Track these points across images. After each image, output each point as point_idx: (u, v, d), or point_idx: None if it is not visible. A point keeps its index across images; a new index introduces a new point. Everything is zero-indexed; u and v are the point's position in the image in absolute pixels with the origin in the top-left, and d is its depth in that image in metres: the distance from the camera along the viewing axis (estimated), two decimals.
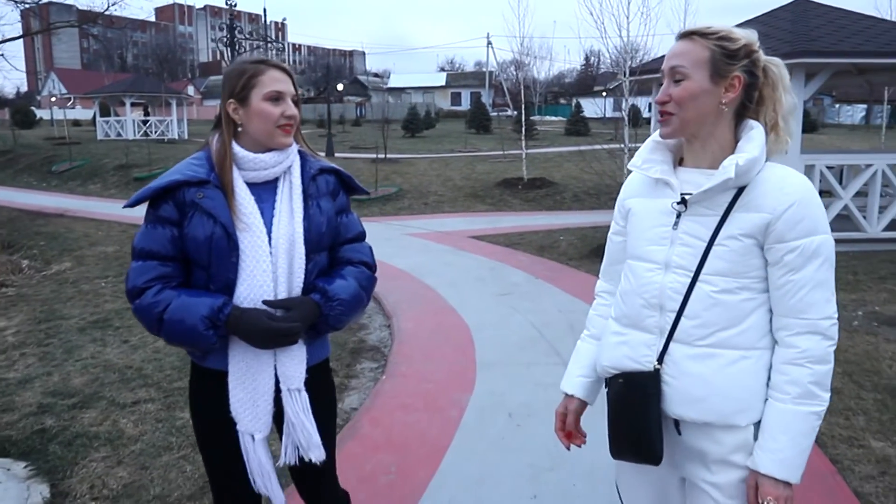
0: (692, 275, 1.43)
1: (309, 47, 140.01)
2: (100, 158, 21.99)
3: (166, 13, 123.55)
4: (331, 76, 51.37)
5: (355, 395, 4.06)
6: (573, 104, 36.96)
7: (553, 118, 47.36)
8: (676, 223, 1.46)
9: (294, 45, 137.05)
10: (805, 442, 1.36)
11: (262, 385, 1.67)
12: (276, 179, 1.73)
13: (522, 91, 14.72)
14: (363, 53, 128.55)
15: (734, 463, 1.41)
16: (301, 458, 1.74)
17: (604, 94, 46.23)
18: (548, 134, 29.44)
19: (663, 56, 1.56)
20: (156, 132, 29.21)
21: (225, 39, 22.35)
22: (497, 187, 13.97)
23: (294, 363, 1.69)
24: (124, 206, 1.72)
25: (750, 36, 1.45)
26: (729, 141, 1.45)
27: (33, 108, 47.00)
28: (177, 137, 29.11)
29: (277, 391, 1.69)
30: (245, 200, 1.66)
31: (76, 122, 42.57)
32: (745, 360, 1.39)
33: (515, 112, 40.04)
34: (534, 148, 19.70)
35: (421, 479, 2.96)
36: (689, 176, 1.48)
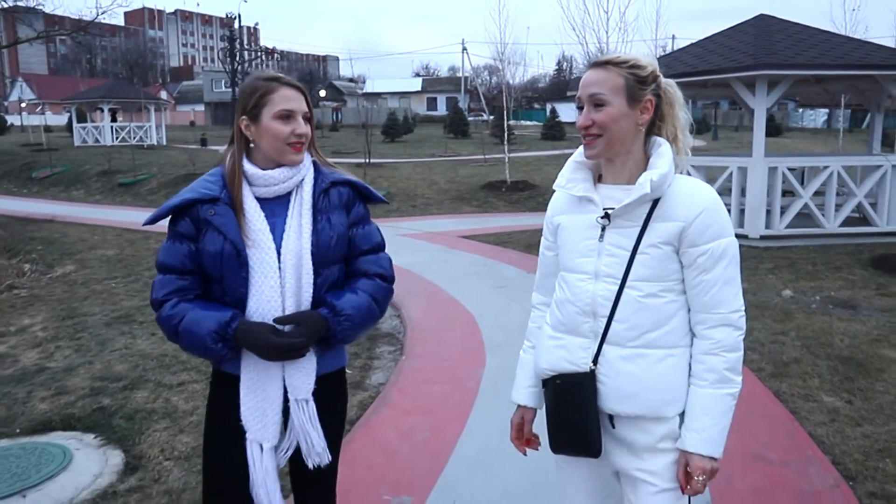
0: (619, 282, 1.55)
1: (282, 52, 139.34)
2: (80, 165, 22.01)
3: (136, 17, 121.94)
4: (314, 81, 51.58)
5: (380, 373, 4.59)
6: (548, 109, 37.76)
7: (528, 123, 48.18)
8: (602, 236, 1.58)
9: (266, 49, 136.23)
10: (724, 420, 1.53)
11: (271, 394, 1.71)
12: (290, 193, 1.75)
13: (505, 97, 15.35)
14: (337, 58, 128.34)
15: (662, 449, 1.56)
16: (303, 468, 1.78)
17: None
18: (525, 138, 30.13)
19: None
20: (134, 138, 29.23)
21: (226, 50, 22.64)
22: (481, 190, 14.56)
23: (302, 375, 1.71)
24: (144, 224, 1.80)
25: (653, 62, 1.62)
26: (641, 157, 1.60)
27: (1, 114, 46.31)
28: (156, 143, 29.09)
29: (286, 400, 1.73)
30: (254, 217, 1.70)
31: (48, 128, 42.07)
32: (670, 357, 1.54)
33: (491, 117, 40.80)
34: (513, 152, 20.39)
35: (452, 434, 3.51)
36: (610, 192, 1.60)
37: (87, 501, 3.07)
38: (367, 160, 16.84)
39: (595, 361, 1.57)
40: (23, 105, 49.92)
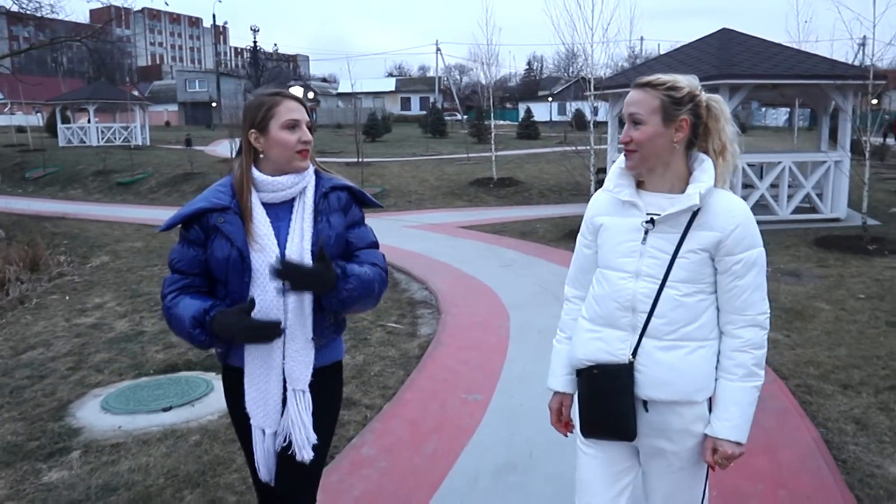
0: (660, 282, 1.69)
1: (251, 50, 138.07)
2: (73, 165, 22.47)
3: (102, 15, 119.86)
4: (287, 81, 52.03)
5: (426, 327, 5.76)
6: (523, 109, 39.03)
7: (501, 122, 49.54)
8: (644, 238, 1.71)
9: (236, 48, 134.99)
10: (750, 411, 1.69)
11: (272, 385, 1.84)
12: (293, 199, 1.89)
13: (491, 99, 16.53)
14: (307, 58, 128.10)
15: (693, 432, 1.71)
16: (286, 465, 1.88)
17: (549, 98, 48.85)
18: (501, 137, 31.32)
19: (620, 74, 2.40)
20: (119, 138, 29.71)
21: (249, 60, 23.46)
22: (470, 186, 15.74)
23: (300, 366, 1.84)
24: (159, 231, 1.95)
25: (692, 83, 1.73)
26: (682, 170, 1.73)
27: None
28: (141, 144, 29.51)
29: (285, 390, 1.85)
30: (261, 223, 1.83)
31: (21, 129, 41.61)
32: (701, 349, 1.69)
33: (465, 117, 42.01)
34: (493, 151, 21.61)
35: (498, 361, 4.71)
36: (652, 199, 1.73)
37: None
38: (360, 160, 17.84)
39: (634, 353, 1.70)
40: None
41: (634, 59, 32.23)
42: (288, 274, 1.72)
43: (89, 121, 30.38)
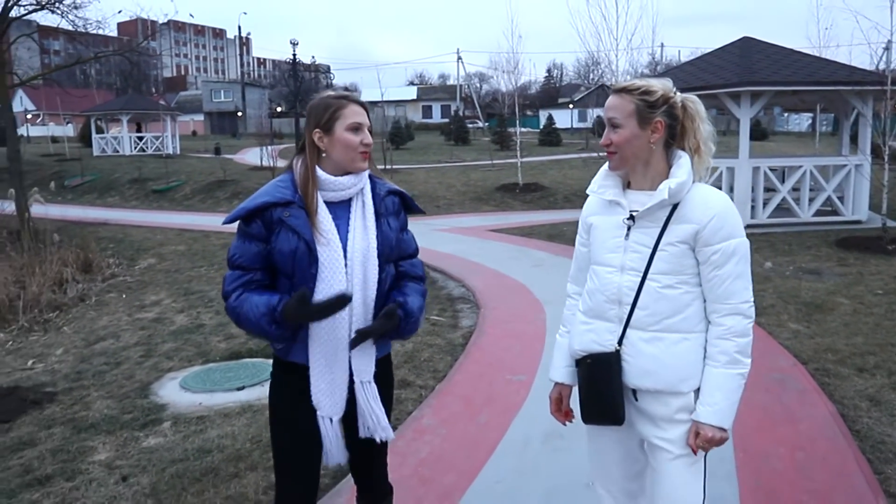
0: (642, 275, 1.77)
1: (274, 61, 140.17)
2: (109, 173, 23.29)
3: (129, 28, 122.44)
4: (312, 91, 53.06)
5: (467, 320, 6.19)
6: (545, 116, 39.36)
7: (522, 129, 49.83)
8: (627, 234, 1.81)
9: (259, 59, 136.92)
10: (734, 397, 1.74)
11: (338, 377, 1.93)
12: (350, 199, 1.96)
13: (517, 107, 16.94)
14: (328, 67, 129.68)
15: (679, 420, 1.79)
16: (359, 447, 2.04)
17: (570, 105, 49.19)
18: (524, 144, 31.65)
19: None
20: (151, 148, 30.63)
21: (289, 70, 24.28)
22: (497, 192, 16.16)
23: (366, 359, 1.96)
24: (223, 223, 1.99)
25: (666, 85, 1.80)
26: (663, 167, 1.81)
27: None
28: (172, 153, 30.38)
29: (349, 381, 1.95)
30: (325, 219, 1.90)
31: (55, 139, 42.74)
32: (685, 341, 1.77)
33: (486, 124, 42.51)
34: (514, 158, 21.99)
35: (538, 348, 5.12)
36: (636, 197, 1.82)
37: None
38: (391, 166, 18.36)
39: (620, 343, 1.81)
40: (28, 116, 51.18)
41: (655, 66, 32.46)
42: (364, 339, 1.90)
43: (139, 129, 31.28)
